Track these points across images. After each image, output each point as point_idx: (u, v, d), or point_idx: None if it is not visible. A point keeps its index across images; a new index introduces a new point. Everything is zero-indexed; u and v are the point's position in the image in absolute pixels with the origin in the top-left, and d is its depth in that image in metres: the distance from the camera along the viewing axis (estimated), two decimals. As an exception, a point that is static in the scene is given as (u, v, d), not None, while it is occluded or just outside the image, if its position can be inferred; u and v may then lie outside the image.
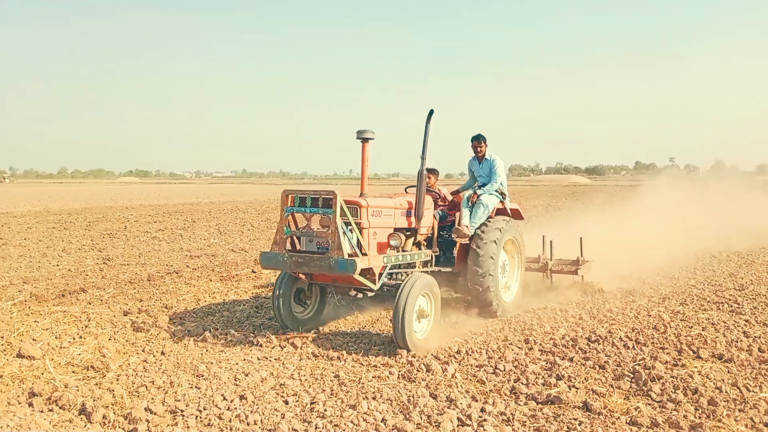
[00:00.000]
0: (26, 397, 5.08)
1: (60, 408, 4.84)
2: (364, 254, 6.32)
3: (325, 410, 4.79)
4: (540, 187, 79.98)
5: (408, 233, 7.36)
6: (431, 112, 7.14)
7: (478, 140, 8.53)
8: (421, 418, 4.65)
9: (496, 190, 8.38)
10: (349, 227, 6.28)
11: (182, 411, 4.79)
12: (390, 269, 6.81)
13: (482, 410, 4.79)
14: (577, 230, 12.13)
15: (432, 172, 8.45)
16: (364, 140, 6.80)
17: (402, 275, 7.22)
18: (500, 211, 8.52)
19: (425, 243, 7.80)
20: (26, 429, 4.45)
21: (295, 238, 6.69)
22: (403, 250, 7.21)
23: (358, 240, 6.37)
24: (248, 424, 4.59)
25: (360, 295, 7.02)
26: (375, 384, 5.38)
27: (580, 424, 4.53)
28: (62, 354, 6.21)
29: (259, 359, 6.14)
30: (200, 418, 4.69)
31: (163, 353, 6.27)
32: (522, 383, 5.39)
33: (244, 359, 6.12)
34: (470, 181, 9.03)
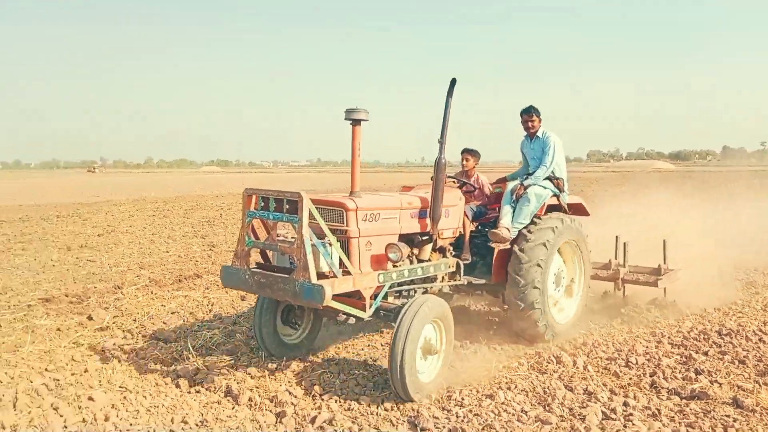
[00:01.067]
0: (171, 378, 5.34)
1: (206, 390, 5.05)
2: (346, 273, 4.86)
3: (462, 399, 4.80)
4: (623, 174, 77.15)
5: (424, 238, 5.67)
6: (453, 82, 5.44)
7: (528, 113, 6.72)
8: (562, 410, 4.58)
9: (548, 179, 6.61)
10: (326, 239, 4.81)
11: (321, 395, 4.91)
12: (396, 287, 5.45)
13: (625, 404, 4.66)
14: (666, 230, 10.64)
15: (471, 153, 6.91)
16: (355, 122, 5.12)
17: (415, 293, 5.64)
18: (554, 208, 6.66)
19: (451, 248, 6.14)
20: (180, 409, 4.68)
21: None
22: (419, 260, 5.65)
23: (344, 253, 4.94)
24: (386, 410, 4.66)
25: (352, 320, 5.36)
26: (506, 374, 5.35)
27: (734, 421, 4.34)
28: (195, 337, 6.48)
29: (382, 345, 6.22)
30: (340, 401, 4.79)
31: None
32: (660, 377, 5.21)
33: (369, 344, 6.22)
34: (523, 167, 7.20)
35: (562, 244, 6.51)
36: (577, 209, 7.05)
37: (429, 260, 5.71)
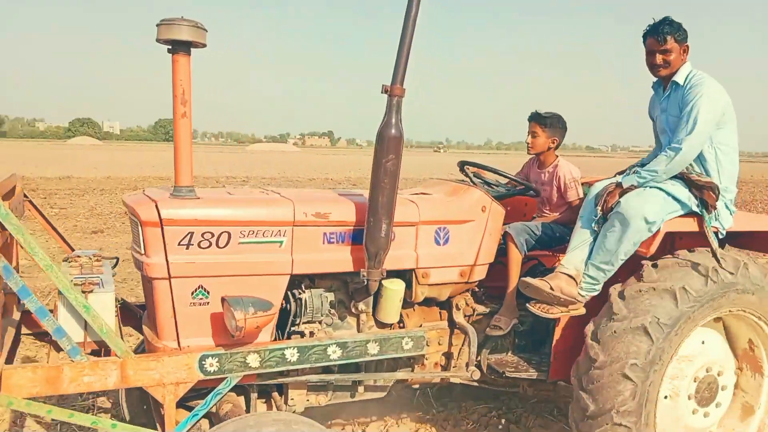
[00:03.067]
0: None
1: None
2: (98, 353, 2.67)
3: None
4: None
5: (364, 284, 2.88)
6: None
7: (657, 35, 3.21)
8: None
9: (682, 177, 3.14)
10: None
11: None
12: (313, 374, 2.92)
13: None
14: None
15: (542, 123, 3.68)
16: (176, 48, 2.49)
17: (354, 390, 3.12)
18: (696, 239, 3.18)
19: (469, 302, 3.33)
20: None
21: None
22: (379, 323, 3.09)
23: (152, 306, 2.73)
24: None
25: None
26: None
27: None
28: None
29: None
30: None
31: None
32: None
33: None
34: (655, 149, 3.65)
35: (716, 317, 3.15)
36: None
37: (400, 325, 3.15)
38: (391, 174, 2.64)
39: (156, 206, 2.51)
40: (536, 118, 3.70)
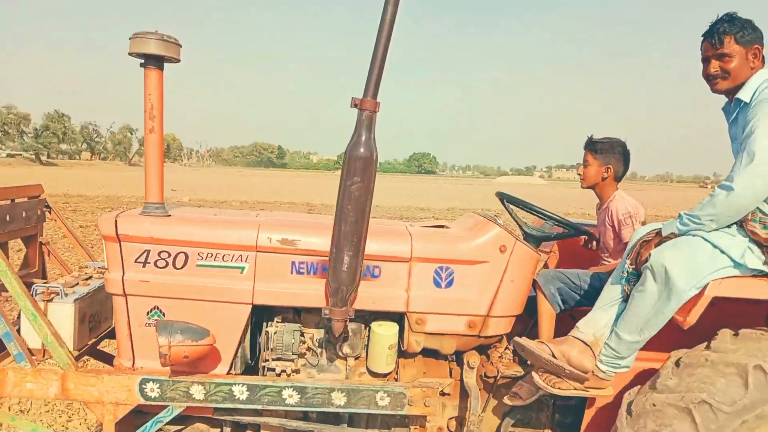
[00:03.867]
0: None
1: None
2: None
3: None
4: None
5: (334, 323, 2.54)
6: None
7: (712, 37, 2.46)
8: None
9: (741, 224, 2.38)
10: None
11: None
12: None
13: None
14: None
15: (593, 150, 3.21)
16: (146, 62, 2.47)
17: None
18: None
19: (497, 358, 2.90)
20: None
21: None
22: (370, 372, 2.79)
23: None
24: None
25: None
26: None
27: None
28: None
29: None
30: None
31: None
32: None
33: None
34: None
35: None
36: None
37: (395, 377, 2.83)
38: (357, 200, 2.29)
39: (115, 222, 2.50)
40: (587, 145, 3.22)
